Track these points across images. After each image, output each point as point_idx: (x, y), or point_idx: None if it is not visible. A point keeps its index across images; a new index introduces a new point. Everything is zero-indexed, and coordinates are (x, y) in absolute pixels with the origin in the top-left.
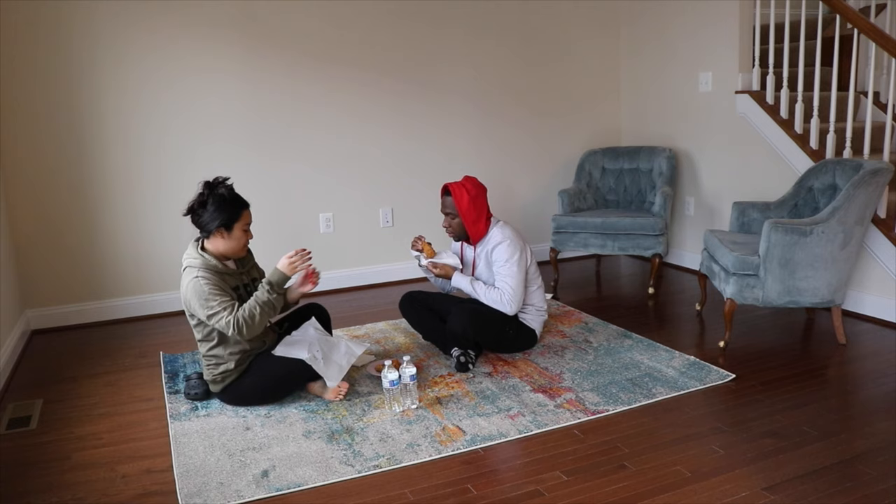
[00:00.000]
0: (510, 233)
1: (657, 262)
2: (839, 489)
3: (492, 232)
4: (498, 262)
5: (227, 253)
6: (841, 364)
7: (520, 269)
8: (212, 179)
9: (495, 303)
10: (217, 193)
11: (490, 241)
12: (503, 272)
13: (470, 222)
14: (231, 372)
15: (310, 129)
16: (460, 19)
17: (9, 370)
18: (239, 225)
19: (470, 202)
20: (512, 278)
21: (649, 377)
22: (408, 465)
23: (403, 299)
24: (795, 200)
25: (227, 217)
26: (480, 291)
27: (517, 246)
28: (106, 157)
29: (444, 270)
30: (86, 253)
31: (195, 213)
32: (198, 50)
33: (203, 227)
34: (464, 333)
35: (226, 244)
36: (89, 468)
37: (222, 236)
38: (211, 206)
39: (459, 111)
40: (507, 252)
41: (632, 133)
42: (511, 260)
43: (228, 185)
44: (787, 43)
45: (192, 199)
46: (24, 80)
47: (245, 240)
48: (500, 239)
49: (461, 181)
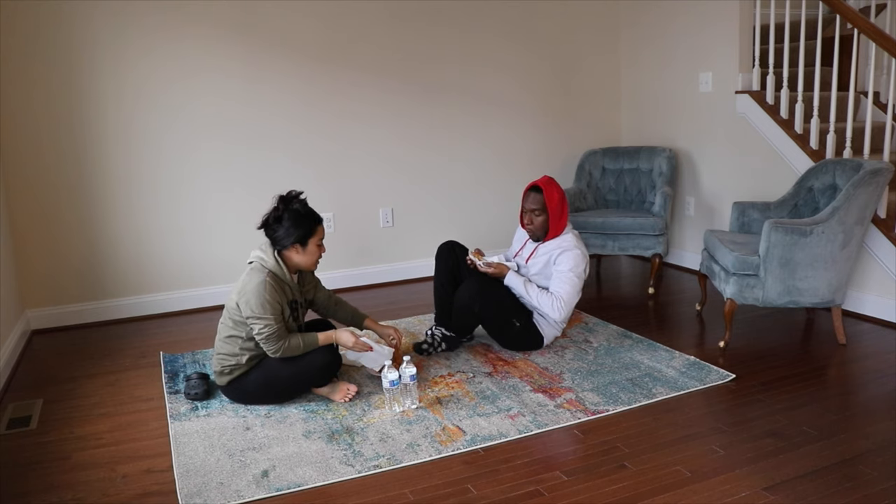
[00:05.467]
0: (579, 243)
1: (657, 262)
2: (839, 489)
3: (567, 236)
4: (561, 267)
5: (300, 266)
6: (841, 364)
7: (580, 281)
8: (286, 193)
9: (546, 306)
10: (292, 209)
11: (562, 244)
12: (563, 279)
13: (554, 220)
14: (240, 367)
15: (310, 130)
16: (461, 20)
17: (9, 370)
18: (314, 240)
19: (559, 200)
20: (571, 287)
21: (649, 377)
22: (408, 465)
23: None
24: (795, 200)
25: (302, 233)
26: (533, 293)
27: (584, 260)
28: (106, 157)
29: (498, 269)
30: (86, 253)
31: (270, 228)
32: (198, 50)
33: (278, 242)
34: (470, 304)
35: (300, 258)
36: (89, 468)
37: (297, 251)
38: (286, 221)
39: (459, 111)
40: (574, 261)
41: (632, 133)
42: (576, 270)
43: (302, 200)
44: (787, 43)
45: (266, 213)
46: (24, 80)
47: (318, 254)
48: (574, 246)
49: (547, 179)
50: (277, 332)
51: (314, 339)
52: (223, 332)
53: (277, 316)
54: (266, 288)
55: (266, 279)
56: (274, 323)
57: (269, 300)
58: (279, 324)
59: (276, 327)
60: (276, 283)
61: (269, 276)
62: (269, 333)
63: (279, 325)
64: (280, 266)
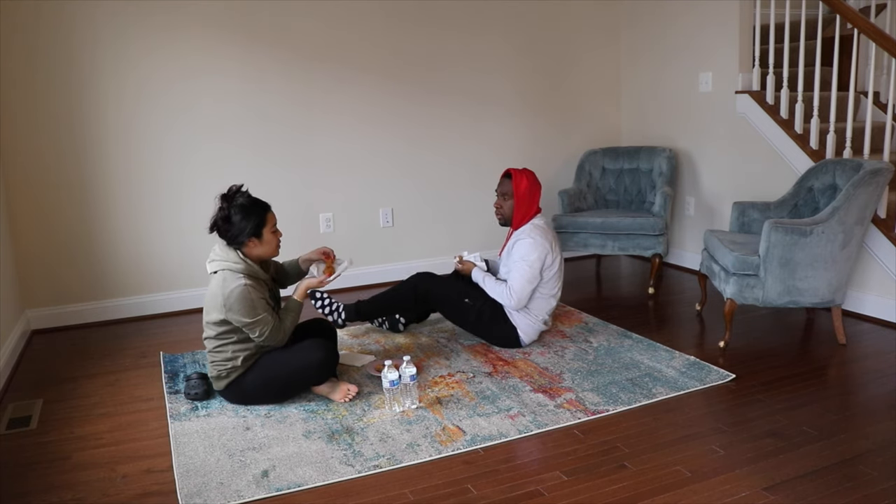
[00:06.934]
0: (538, 234)
1: (657, 262)
2: (839, 489)
3: (528, 226)
4: (514, 255)
5: (262, 257)
6: (841, 364)
7: (531, 270)
8: (226, 191)
9: (498, 295)
10: (237, 204)
11: (520, 234)
12: (514, 267)
13: (519, 208)
14: (237, 368)
15: (310, 130)
16: (461, 21)
17: (9, 370)
18: (267, 229)
19: (527, 189)
20: (519, 275)
21: (649, 377)
22: (408, 465)
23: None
24: (795, 200)
25: (254, 225)
26: (488, 284)
27: (539, 248)
28: (106, 158)
29: (466, 266)
30: (86, 253)
31: (220, 229)
32: (198, 50)
33: (234, 240)
34: (415, 283)
35: (260, 250)
36: (89, 468)
37: (254, 244)
38: (235, 217)
39: (459, 112)
40: (525, 250)
41: (632, 133)
42: (526, 259)
43: (244, 193)
44: (787, 43)
45: (213, 215)
46: (24, 80)
47: (276, 240)
48: (526, 236)
49: (523, 169)
50: (273, 325)
51: (293, 304)
52: (210, 345)
53: (268, 310)
54: (248, 292)
55: (244, 283)
56: (269, 318)
57: (255, 301)
58: (273, 316)
59: (271, 322)
60: (254, 282)
61: (247, 279)
62: (268, 332)
63: (273, 317)
64: (248, 264)
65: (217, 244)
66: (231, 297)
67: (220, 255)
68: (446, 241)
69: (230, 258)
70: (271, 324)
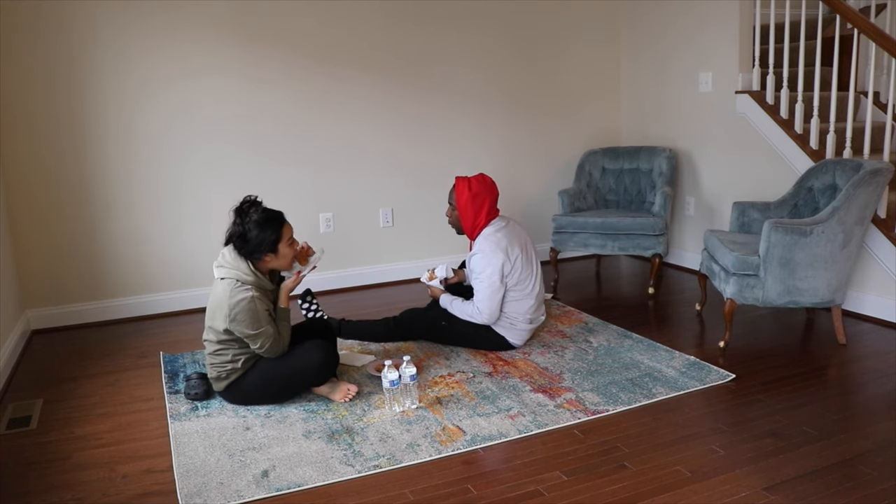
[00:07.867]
0: (488, 246)
1: (657, 262)
2: (839, 489)
3: (479, 238)
4: (473, 272)
5: (277, 269)
6: (841, 364)
7: (490, 284)
8: (240, 205)
9: (468, 316)
10: (252, 221)
11: (476, 245)
12: (476, 285)
13: (464, 219)
14: (236, 370)
15: (310, 129)
16: (461, 20)
17: (9, 370)
18: (283, 243)
19: (469, 199)
20: (480, 293)
21: (649, 377)
22: (408, 465)
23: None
24: (795, 200)
25: (270, 241)
26: (456, 309)
27: (492, 261)
28: (106, 158)
29: (434, 292)
30: (86, 253)
31: (236, 245)
32: (198, 50)
33: (251, 256)
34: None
35: (276, 263)
36: (89, 468)
37: (270, 259)
38: (250, 234)
39: (459, 111)
40: (480, 265)
41: (632, 133)
42: (483, 273)
43: (259, 206)
44: (787, 43)
45: (228, 230)
46: (24, 80)
47: (293, 253)
48: (478, 250)
49: (470, 177)
50: (273, 337)
51: (282, 313)
52: (210, 348)
53: (271, 322)
54: (255, 305)
55: (252, 296)
56: (271, 330)
57: (260, 314)
58: (273, 327)
59: (272, 335)
60: (261, 294)
61: (256, 292)
62: (269, 344)
63: (273, 328)
64: (258, 276)
65: (226, 249)
66: (237, 308)
67: (230, 263)
68: (446, 241)
69: (240, 268)
70: (272, 336)
